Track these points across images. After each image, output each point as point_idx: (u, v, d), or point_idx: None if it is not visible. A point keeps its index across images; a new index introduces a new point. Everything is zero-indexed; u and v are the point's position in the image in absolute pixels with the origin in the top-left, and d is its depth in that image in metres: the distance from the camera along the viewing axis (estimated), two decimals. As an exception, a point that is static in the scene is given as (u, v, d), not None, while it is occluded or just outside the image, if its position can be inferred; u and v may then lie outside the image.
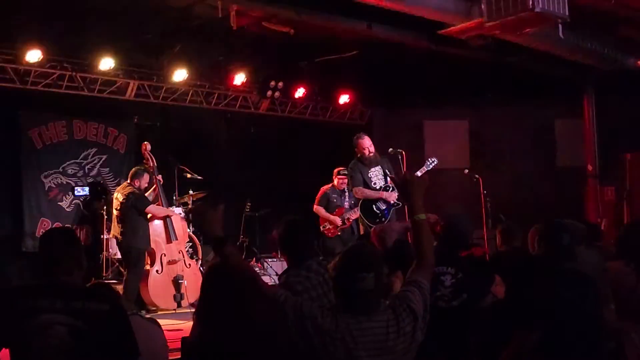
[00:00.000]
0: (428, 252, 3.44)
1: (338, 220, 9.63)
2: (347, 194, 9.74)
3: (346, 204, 9.72)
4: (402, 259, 4.59)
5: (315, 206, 9.84)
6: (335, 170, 9.85)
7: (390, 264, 4.56)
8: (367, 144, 8.73)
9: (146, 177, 9.15)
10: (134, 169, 9.32)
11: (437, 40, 9.11)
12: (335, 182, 9.84)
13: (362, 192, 8.69)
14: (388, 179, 8.62)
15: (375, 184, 8.73)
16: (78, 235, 3.84)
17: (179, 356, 4.98)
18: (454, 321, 4.27)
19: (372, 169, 8.77)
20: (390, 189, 8.63)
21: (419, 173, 8.62)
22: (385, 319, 3.12)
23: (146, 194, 9.17)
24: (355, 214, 9.43)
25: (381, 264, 3.22)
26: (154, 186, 9.37)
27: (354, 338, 3.03)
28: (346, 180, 9.49)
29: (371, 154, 8.73)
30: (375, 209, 8.69)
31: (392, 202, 8.59)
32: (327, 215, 9.74)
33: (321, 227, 9.73)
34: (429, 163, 8.86)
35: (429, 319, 3.26)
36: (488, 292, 4.53)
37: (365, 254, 3.22)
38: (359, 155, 8.81)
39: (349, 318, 3.08)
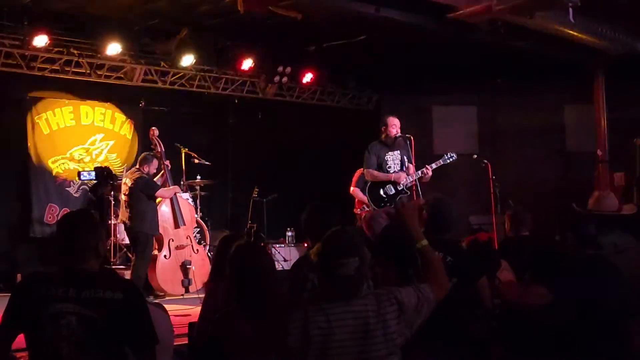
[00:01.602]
0: (440, 276, 3.45)
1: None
2: None
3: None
4: (390, 248, 4.55)
5: (352, 188, 9.46)
6: None
7: (377, 252, 4.55)
8: (397, 123, 8.51)
9: (155, 162, 9.16)
10: (143, 154, 9.34)
11: (446, 24, 9.03)
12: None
13: (371, 174, 8.47)
14: (404, 166, 8.46)
15: (390, 167, 8.48)
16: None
17: (187, 341, 4.99)
18: (444, 306, 4.23)
19: (391, 152, 8.52)
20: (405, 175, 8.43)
21: (434, 165, 8.54)
22: (364, 303, 3.09)
23: (154, 179, 9.18)
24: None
25: (363, 250, 3.18)
26: (162, 171, 9.38)
27: (330, 323, 3.00)
28: None
29: (396, 135, 8.47)
30: (382, 192, 8.43)
31: (401, 184, 8.35)
32: (364, 197, 9.03)
33: (358, 210, 9.40)
34: (446, 157, 8.69)
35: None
36: (482, 275, 4.48)
37: (347, 239, 3.20)
38: (382, 137, 8.58)
39: (326, 304, 3.06)
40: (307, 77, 12.46)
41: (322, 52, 11.56)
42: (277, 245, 11.59)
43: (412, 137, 8.82)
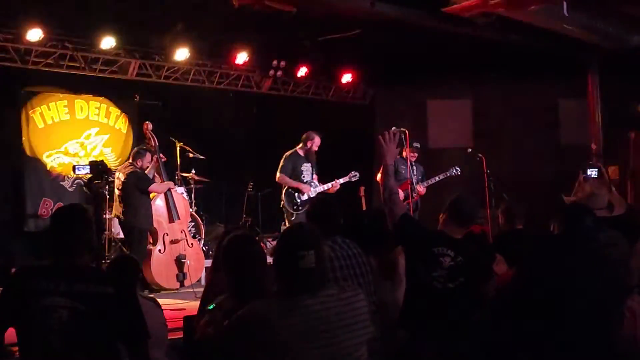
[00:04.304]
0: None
1: (401, 194, 9.43)
2: (415, 167, 9.64)
3: (414, 178, 9.59)
4: (403, 234, 4.58)
5: (379, 175, 9.60)
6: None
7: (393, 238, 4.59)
8: (318, 142, 9.42)
9: (148, 156, 9.16)
10: (135, 149, 9.35)
11: (440, 18, 9.05)
12: (403, 153, 9.71)
13: (283, 179, 9.24)
14: (314, 176, 9.38)
15: (304, 177, 9.29)
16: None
17: (182, 335, 5.00)
18: (448, 302, 4.26)
19: (306, 164, 9.34)
20: (314, 185, 9.31)
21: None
22: (330, 294, 3.09)
23: (146, 172, 9.17)
24: (423, 190, 9.74)
25: (319, 244, 3.16)
26: (155, 164, 9.35)
27: (296, 318, 2.97)
28: (416, 155, 9.79)
29: (314, 151, 9.38)
30: (296, 197, 9.25)
31: (305, 194, 9.16)
32: None
33: None
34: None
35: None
36: (489, 279, 4.49)
37: (305, 232, 3.20)
38: (299, 148, 9.40)
39: (291, 298, 3.03)
40: (302, 71, 12.45)
41: (317, 46, 11.55)
42: (272, 239, 11.60)
43: (406, 131, 8.86)
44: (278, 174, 9.27)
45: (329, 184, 9.37)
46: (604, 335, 3.98)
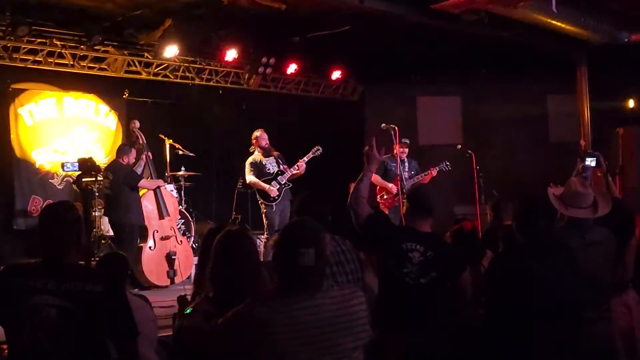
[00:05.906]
0: None
1: (394, 189, 9.54)
2: (407, 164, 9.68)
3: (405, 174, 9.62)
4: (371, 233, 4.56)
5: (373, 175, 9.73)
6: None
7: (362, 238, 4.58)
8: (265, 137, 9.55)
9: (133, 152, 9.14)
10: (119, 146, 9.42)
11: (430, 14, 9.05)
12: (393, 150, 9.77)
13: (251, 181, 9.44)
14: (281, 166, 9.43)
15: (269, 169, 9.40)
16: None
17: (171, 332, 4.99)
18: (421, 298, 4.25)
19: (267, 159, 9.47)
20: (282, 173, 9.37)
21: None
22: (329, 296, 3.00)
23: (134, 168, 9.16)
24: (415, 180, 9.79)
25: (321, 242, 3.05)
26: (143, 162, 9.33)
27: (294, 319, 2.90)
28: (407, 150, 9.81)
29: (267, 145, 9.51)
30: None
31: (273, 195, 9.28)
32: (384, 183, 9.69)
33: (377, 198, 9.63)
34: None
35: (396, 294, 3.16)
36: (461, 272, 4.46)
37: (306, 229, 3.09)
38: (256, 150, 9.53)
39: (288, 298, 2.95)
40: (292, 68, 12.45)
41: (307, 42, 11.54)
42: (261, 236, 11.57)
43: (396, 128, 8.88)
44: (247, 179, 9.49)
45: (294, 167, 9.40)
46: (572, 335, 3.97)
